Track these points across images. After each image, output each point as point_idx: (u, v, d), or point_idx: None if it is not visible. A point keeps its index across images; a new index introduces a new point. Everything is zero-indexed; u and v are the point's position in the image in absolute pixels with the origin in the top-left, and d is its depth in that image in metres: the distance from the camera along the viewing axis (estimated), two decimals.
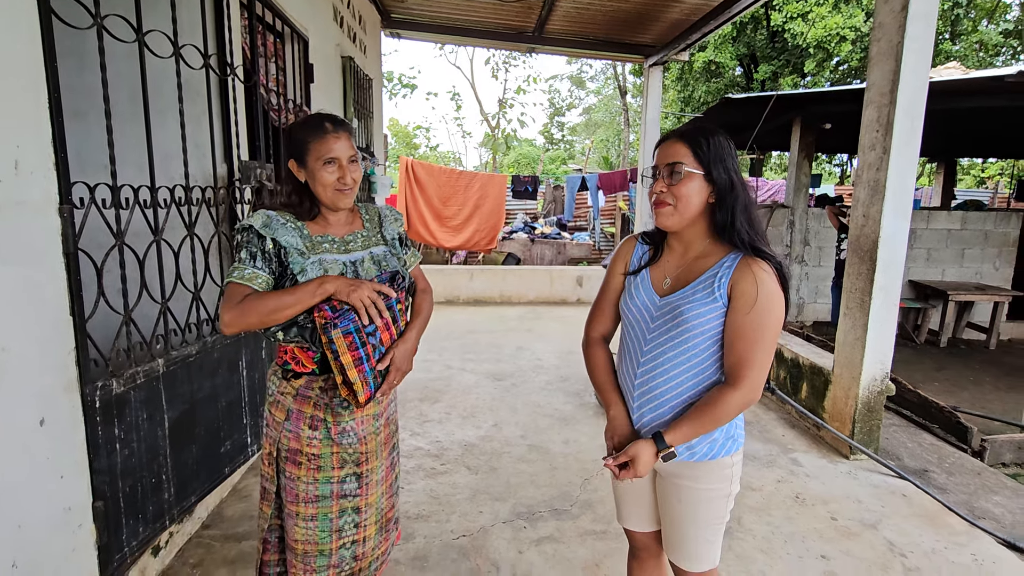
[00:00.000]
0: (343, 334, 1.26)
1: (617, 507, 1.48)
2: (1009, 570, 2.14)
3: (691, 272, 1.24)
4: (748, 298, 1.15)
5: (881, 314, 2.91)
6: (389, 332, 1.38)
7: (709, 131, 1.21)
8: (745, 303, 1.15)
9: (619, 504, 1.47)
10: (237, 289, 1.30)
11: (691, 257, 1.27)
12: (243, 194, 2.52)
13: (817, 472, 2.84)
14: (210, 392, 2.23)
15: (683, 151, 1.19)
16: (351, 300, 1.27)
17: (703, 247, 1.26)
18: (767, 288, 1.15)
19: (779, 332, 1.18)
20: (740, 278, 1.17)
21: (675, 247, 1.30)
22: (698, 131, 1.21)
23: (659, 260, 1.32)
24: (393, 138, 24.11)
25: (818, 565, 2.13)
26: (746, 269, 1.17)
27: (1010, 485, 2.93)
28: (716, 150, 1.19)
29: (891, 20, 2.76)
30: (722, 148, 1.20)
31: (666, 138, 1.25)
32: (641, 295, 1.30)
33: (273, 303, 1.26)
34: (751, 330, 1.15)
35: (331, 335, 1.25)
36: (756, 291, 1.15)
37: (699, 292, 1.20)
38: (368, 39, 5.37)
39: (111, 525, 1.70)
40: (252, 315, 1.26)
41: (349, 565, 1.47)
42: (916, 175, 2.94)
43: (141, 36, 1.80)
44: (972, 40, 11.71)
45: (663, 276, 1.29)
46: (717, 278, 1.19)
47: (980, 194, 15.61)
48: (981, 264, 7.16)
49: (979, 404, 4.74)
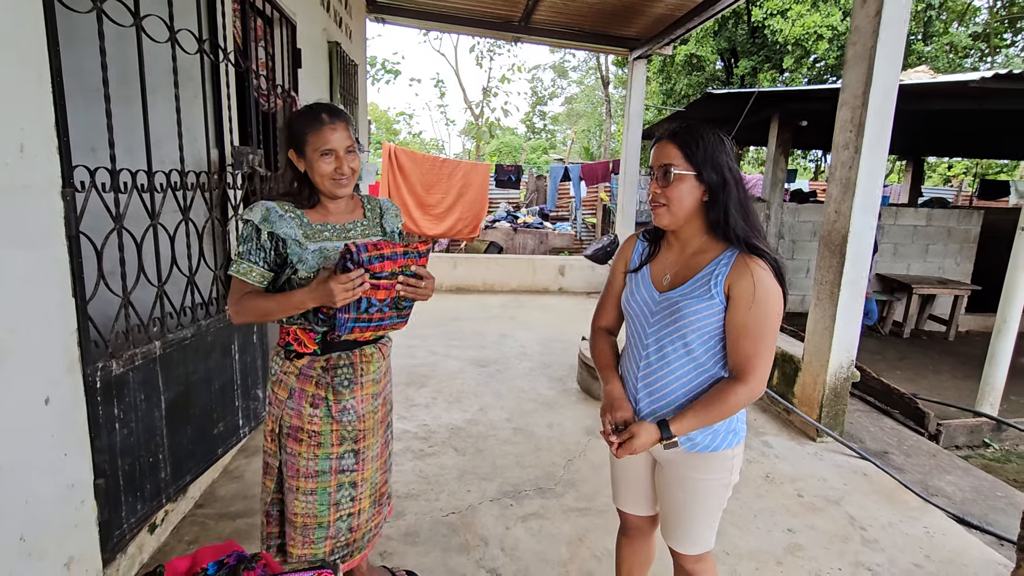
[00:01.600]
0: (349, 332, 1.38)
1: (614, 489, 1.55)
2: (956, 542, 2.32)
3: (689, 269, 1.29)
4: (747, 296, 1.18)
5: (848, 305, 3.08)
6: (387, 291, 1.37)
7: (699, 130, 1.24)
8: (744, 301, 1.19)
9: (616, 486, 1.53)
10: (235, 283, 1.40)
11: (689, 253, 1.31)
12: (235, 180, 2.54)
13: (786, 453, 3.01)
14: (204, 374, 2.27)
15: (674, 153, 1.23)
16: (336, 305, 1.29)
17: (700, 243, 1.29)
18: (765, 285, 1.18)
19: (779, 325, 1.22)
20: (737, 277, 1.20)
21: (673, 244, 1.35)
22: (688, 131, 1.24)
23: (659, 256, 1.37)
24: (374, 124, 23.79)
25: (785, 538, 2.28)
26: (742, 267, 1.20)
27: (961, 465, 3.15)
28: (707, 150, 1.21)
29: (866, 24, 2.89)
30: (714, 147, 1.22)
31: (659, 138, 1.28)
32: (641, 291, 1.35)
33: (262, 308, 1.37)
34: (753, 327, 1.19)
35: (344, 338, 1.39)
36: (754, 288, 1.18)
37: (697, 290, 1.24)
38: (354, 24, 5.33)
39: (111, 502, 1.75)
40: (246, 315, 1.39)
41: (345, 536, 1.54)
42: (886, 173, 3.09)
43: (139, 20, 1.81)
44: (943, 42, 12.06)
45: (663, 273, 1.34)
46: (714, 276, 1.23)
47: (945, 192, 16.18)
48: (944, 259, 7.49)
49: (937, 391, 5.02)
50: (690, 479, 1.33)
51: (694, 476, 1.33)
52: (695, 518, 1.36)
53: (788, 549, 2.21)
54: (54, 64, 1.46)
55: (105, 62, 1.66)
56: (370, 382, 1.51)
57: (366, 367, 1.50)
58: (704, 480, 1.33)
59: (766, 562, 2.13)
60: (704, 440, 1.30)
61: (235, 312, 1.40)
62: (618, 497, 1.54)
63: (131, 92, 1.92)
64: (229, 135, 2.50)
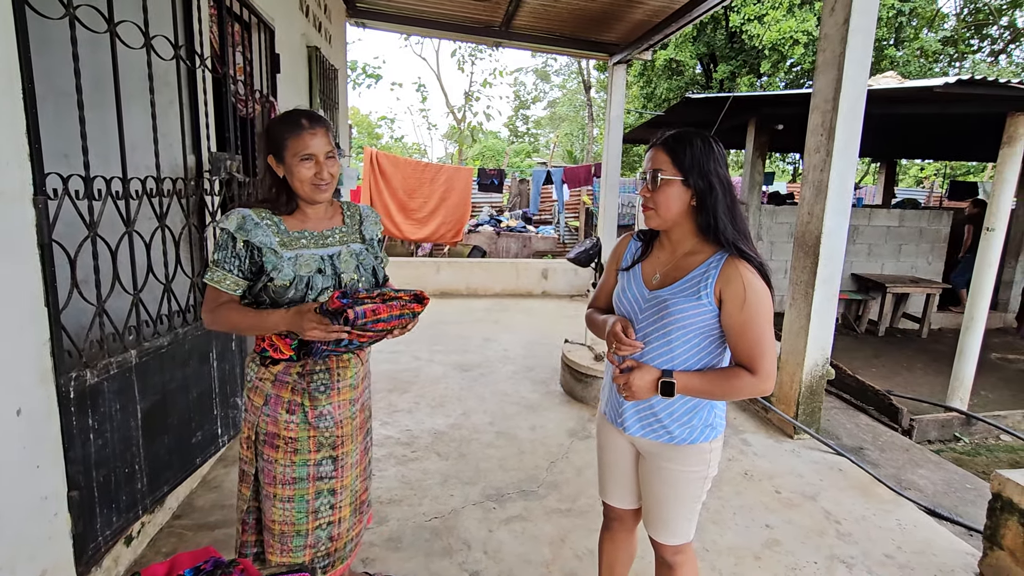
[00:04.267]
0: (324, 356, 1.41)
1: (600, 482, 1.60)
2: (927, 533, 2.39)
3: (679, 269, 1.34)
4: (738, 299, 1.24)
5: (823, 304, 3.15)
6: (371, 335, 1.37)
7: (690, 138, 1.29)
8: (736, 304, 1.25)
9: (602, 479, 1.59)
10: (210, 291, 1.40)
11: (680, 254, 1.36)
12: (213, 186, 2.52)
13: (764, 451, 3.07)
14: (181, 383, 2.24)
15: (663, 158, 1.29)
16: (304, 336, 1.31)
17: (691, 245, 1.35)
18: (753, 286, 1.24)
19: (772, 321, 1.28)
20: (728, 282, 1.25)
21: (666, 244, 1.40)
22: (678, 138, 1.29)
23: (651, 256, 1.43)
24: (356, 128, 23.67)
25: (763, 533, 2.33)
26: (732, 272, 1.25)
27: (933, 459, 3.23)
28: (695, 157, 1.26)
29: (835, 32, 2.98)
30: (702, 154, 1.27)
31: (652, 145, 1.33)
32: (632, 289, 1.40)
33: (235, 322, 1.38)
34: (749, 326, 1.25)
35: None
36: (744, 290, 1.24)
37: (686, 290, 1.29)
38: (333, 28, 5.31)
39: (85, 514, 1.72)
40: (219, 325, 1.40)
41: (325, 545, 1.53)
42: (858, 176, 3.18)
43: (113, 27, 1.79)
44: (914, 47, 12.40)
45: (653, 271, 1.39)
46: (704, 278, 1.28)
47: (917, 193, 16.61)
48: (916, 259, 7.69)
49: (911, 388, 5.15)
50: (669, 470, 1.39)
51: (672, 467, 1.38)
52: (674, 509, 1.41)
53: (766, 544, 2.25)
54: (25, 70, 1.45)
55: (78, 68, 1.64)
56: (347, 388, 1.51)
57: (343, 372, 1.50)
58: (682, 472, 1.38)
59: (744, 557, 2.17)
60: (682, 433, 1.36)
61: (209, 320, 1.41)
62: (604, 490, 1.59)
63: (105, 98, 1.90)
64: (206, 141, 2.48)
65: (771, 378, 1.27)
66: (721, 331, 1.31)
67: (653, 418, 1.37)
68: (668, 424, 1.36)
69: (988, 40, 14.72)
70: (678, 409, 1.35)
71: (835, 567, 2.14)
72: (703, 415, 1.36)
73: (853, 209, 4.46)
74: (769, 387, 1.27)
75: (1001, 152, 4.36)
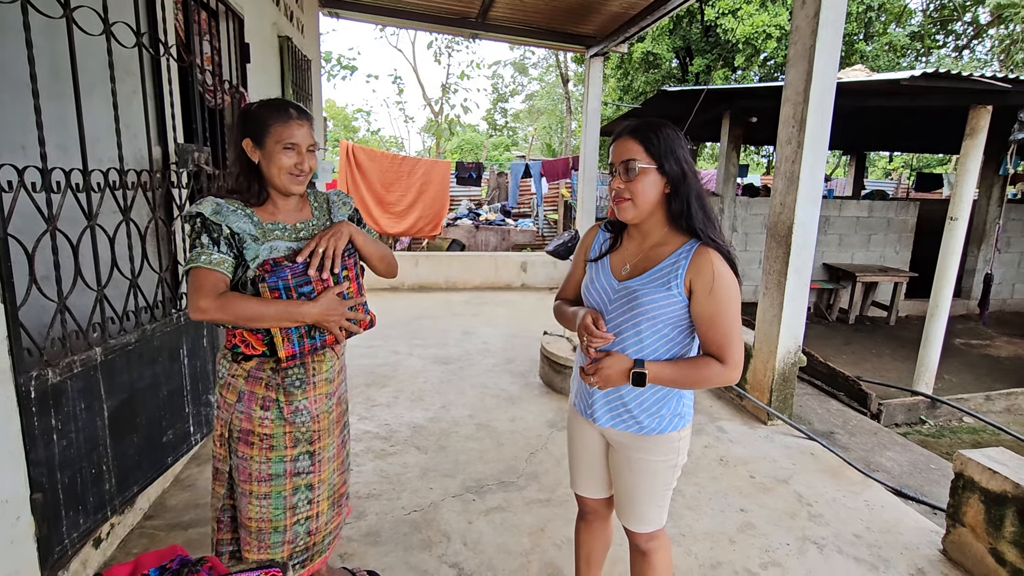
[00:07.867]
0: (269, 289, 1.30)
1: (571, 474, 1.60)
2: (894, 512, 2.47)
3: (649, 260, 1.33)
4: (708, 289, 1.24)
5: (795, 293, 3.22)
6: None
7: (657, 125, 1.28)
8: (705, 293, 1.25)
9: (573, 471, 1.58)
10: (207, 275, 1.29)
11: (649, 245, 1.34)
12: (180, 178, 2.45)
13: (739, 437, 3.13)
14: (151, 381, 2.18)
15: (635, 148, 1.26)
16: (330, 328, 1.38)
17: (660, 236, 1.33)
18: (724, 277, 1.24)
19: (739, 310, 1.29)
20: (698, 272, 1.25)
21: (634, 236, 1.38)
22: (647, 126, 1.28)
23: (619, 247, 1.41)
24: (331, 121, 23.27)
25: (738, 517, 2.38)
26: (703, 262, 1.25)
27: (900, 442, 3.34)
28: (666, 143, 1.25)
29: (805, 25, 3.02)
30: (672, 140, 1.26)
31: (619, 135, 1.30)
32: (601, 280, 1.39)
33: (253, 311, 1.28)
34: (719, 316, 1.25)
35: (259, 288, 1.31)
36: (713, 280, 1.23)
37: (655, 280, 1.29)
38: (306, 18, 5.20)
39: (50, 517, 1.67)
40: (229, 313, 1.28)
41: (304, 540, 1.52)
42: (829, 168, 3.24)
43: (69, 12, 1.72)
44: (883, 41, 12.69)
45: (623, 263, 1.38)
46: (674, 268, 1.27)
47: (886, 185, 17.07)
48: (884, 248, 7.90)
49: (879, 373, 5.30)
50: (638, 460, 1.39)
51: (642, 457, 1.39)
52: (645, 497, 1.42)
53: (740, 528, 2.30)
54: None
55: (32, 55, 1.57)
56: (323, 381, 1.49)
57: (318, 366, 1.48)
58: (652, 461, 1.38)
59: (720, 541, 2.21)
60: (651, 423, 1.36)
61: (215, 307, 1.26)
62: (575, 481, 1.59)
63: (64, 87, 1.82)
64: (172, 132, 2.41)
65: (739, 367, 1.27)
66: (690, 321, 1.31)
67: (623, 408, 1.37)
68: (638, 414, 1.36)
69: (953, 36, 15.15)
70: (648, 399, 1.36)
71: (807, 548, 2.20)
72: (672, 405, 1.37)
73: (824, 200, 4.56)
74: (736, 376, 1.28)
75: (964, 143, 4.50)
